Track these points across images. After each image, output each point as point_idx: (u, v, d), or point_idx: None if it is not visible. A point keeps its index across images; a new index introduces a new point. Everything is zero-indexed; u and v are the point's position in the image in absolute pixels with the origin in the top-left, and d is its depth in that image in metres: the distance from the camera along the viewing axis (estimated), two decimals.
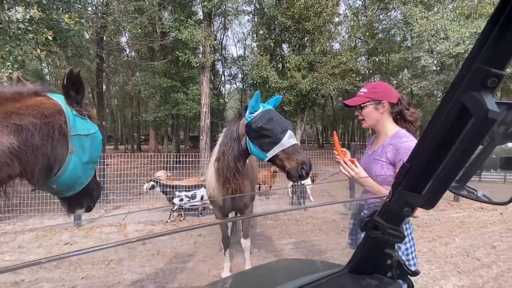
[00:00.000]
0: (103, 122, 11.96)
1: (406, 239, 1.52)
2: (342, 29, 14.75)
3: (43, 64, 19.68)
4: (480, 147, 0.72)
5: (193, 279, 3.19)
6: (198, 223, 5.65)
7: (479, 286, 3.00)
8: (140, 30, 8.61)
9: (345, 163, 1.51)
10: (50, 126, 0.94)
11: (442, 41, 10.72)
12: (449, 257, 3.75)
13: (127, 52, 18.00)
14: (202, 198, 5.49)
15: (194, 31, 9.01)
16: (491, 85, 0.48)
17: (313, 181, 7.14)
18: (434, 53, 11.44)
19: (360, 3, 19.57)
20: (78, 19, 5.78)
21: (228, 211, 2.89)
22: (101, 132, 1.20)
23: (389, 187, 0.68)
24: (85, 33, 8.15)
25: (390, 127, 1.60)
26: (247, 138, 2.03)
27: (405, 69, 13.42)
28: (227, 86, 25.32)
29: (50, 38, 5.43)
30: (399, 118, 1.63)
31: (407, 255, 1.52)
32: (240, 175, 2.23)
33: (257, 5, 15.46)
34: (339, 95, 20.74)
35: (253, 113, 1.98)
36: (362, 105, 1.61)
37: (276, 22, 13.13)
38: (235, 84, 24.57)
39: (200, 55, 10.97)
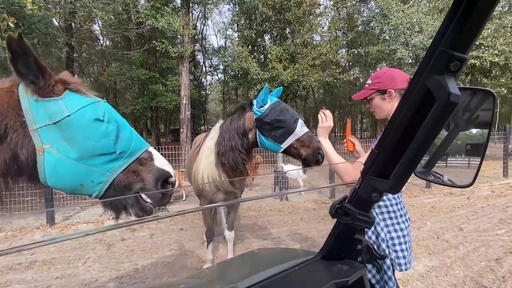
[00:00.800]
0: None
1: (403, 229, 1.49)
2: (322, 20, 14.83)
3: (6, 53, 18.20)
4: (446, 133, 0.74)
5: (175, 273, 3.16)
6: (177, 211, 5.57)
7: (448, 265, 3.22)
8: (112, 18, 8.15)
9: (324, 114, 1.65)
10: (3, 126, 0.79)
11: (417, 34, 11.10)
12: (421, 240, 3.97)
13: (101, 41, 17.05)
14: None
15: (171, 19, 8.67)
16: (454, 69, 0.48)
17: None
18: (410, 46, 11.82)
19: None
20: (43, 4, 5.35)
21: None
22: (99, 106, 0.88)
23: None
24: (53, 19, 7.58)
25: None
26: (258, 132, 2.05)
27: (383, 62, 13.81)
28: (209, 77, 24.82)
29: (12, 25, 5.00)
30: None
31: (401, 244, 1.46)
32: (248, 168, 2.27)
33: None
34: (320, 87, 21.02)
35: (263, 106, 1.99)
36: (368, 97, 1.56)
37: (257, 12, 12.94)
38: (217, 75, 24.12)
39: (179, 45, 10.62)
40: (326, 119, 1.63)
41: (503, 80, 12.65)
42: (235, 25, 16.20)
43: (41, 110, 0.81)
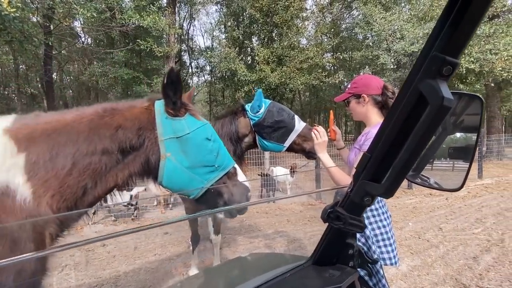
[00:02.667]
0: None
1: (385, 229, 1.55)
2: (309, 24, 15.08)
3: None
4: (434, 137, 0.75)
5: (158, 280, 3.06)
6: (152, 222, 5.44)
7: (429, 264, 3.32)
8: (94, 15, 7.87)
9: (318, 131, 1.68)
10: (142, 135, 1.04)
11: (399, 41, 11.51)
12: (403, 240, 4.08)
13: (82, 38, 16.47)
14: (131, 197, 5.16)
15: (157, 18, 8.50)
16: (446, 73, 0.48)
17: (293, 172, 7.19)
18: (392, 51, 12.24)
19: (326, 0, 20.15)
20: (20, 4, 5.10)
21: (201, 209, 2.79)
22: (207, 130, 1.11)
23: None
24: (31, 15, 7.24)
25: (374, 119, 1.59)
26: (258, 136, 2.05)
27: (366, 66, 14.21)
28: (195, 78, 24.53)
29: None
30: (385, 108, 1.62)
31: (387, 245, 1.54)
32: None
33: None
34: (306, 90, 21.31)
35: (258, 111, 2.00)
36: (345, 100, 1.67)
37: (244, 14, 12.96)
38: (203, 76, 23.89)
39: (165, 45, 10.43)
40: (320, 135, 1.67)
41: (478, 86, 13.36)
42: (223, 26, 16.15)
43: (169, 126, 1.05)
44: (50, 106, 8.73)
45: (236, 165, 1.21)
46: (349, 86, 1.69)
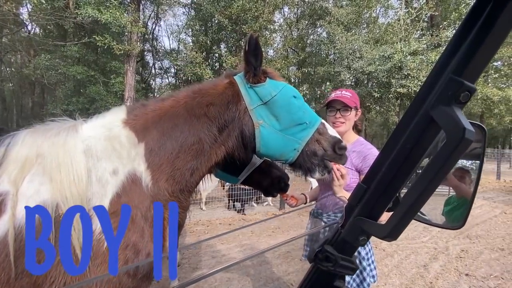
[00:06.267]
0: None
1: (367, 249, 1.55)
2: (276, 37, 15.50)
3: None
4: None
5: None
6: None
7: (386, 274, 3.45)
8: (43, 1, 7.03)
9: (339, 171, 1.25)
10: (232, 109, 1.08)
11: (358, 60, 12.41)
12: None
13: (29, 27, 14.69)
14: None
15: (118, 13, 7.91)
16: (463, 100, 0.41)
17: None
18: (351, 69, 13.14)
19: (294, 15, 21.04)
20: None
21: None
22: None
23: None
24: None
25: (352, 134, 1.62)
26: None
27: (328, 81, 15.02)
28: (158, 80, 23.44)
29: None
30: (353, 127, 1.67)
31: (368, 260, 1.55)
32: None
33: None
34: None
35: None
36: (345, 107, 1.55)
37: (213, 20, 12.83)
38: (167, 78, 22.94)
39: (126, 43, 9.75)
40: (340, 177, 1.28)
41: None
42: (190, 29, 15.77)
43: (253, 94, 1.08)
44: None
45: (323, 121, 1.19)
46: (349, 94, 1.57)
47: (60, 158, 0.90)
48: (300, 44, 18.13)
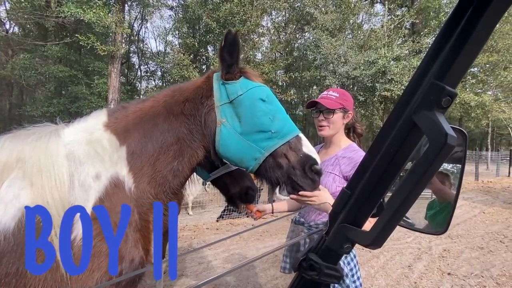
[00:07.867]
0: None
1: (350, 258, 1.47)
2: (264, 41, 15.59)
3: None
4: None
5: None
6: None
7: (372, 275, 3.49)
8: (22, 1, 6.75)
9: (304, 195, 1.08)
10: (204, 104, 1.04)
11: (343, 65, 12.67)
12: None
13: (7, 25, 14.07)
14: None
15: (102, 13, 7.70)
16: (445, 105, 0.41)
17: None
18: (337, 74, 13.39)
19: (283, 18, 21.27)
20: None
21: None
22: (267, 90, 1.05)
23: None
24: None
25: (344, 139, 1.51)
26: None
27: (314, 86, 15.24)
28: (144, 83, 23.00)
29: None
30: (351, 130, 1.57)
31: (353, 277, 1.42)
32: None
33: (181, 1, 14.70)
34: None
35: None
36: (328, 110, 1.41)
37: (201, 22, 12.77)
38: (154, 81, 22.56)
39: (110, 44, 9.52)
40: (314, 199, 1.12)
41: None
42: (177, 32, 15.62)
43: (223, 91, 1.03)
44: None
45: (301, 134, 1.06)
46: (336, 94, 1.45)
47: (41, 163, 0.88)
48: (287, 48, 18.33)
